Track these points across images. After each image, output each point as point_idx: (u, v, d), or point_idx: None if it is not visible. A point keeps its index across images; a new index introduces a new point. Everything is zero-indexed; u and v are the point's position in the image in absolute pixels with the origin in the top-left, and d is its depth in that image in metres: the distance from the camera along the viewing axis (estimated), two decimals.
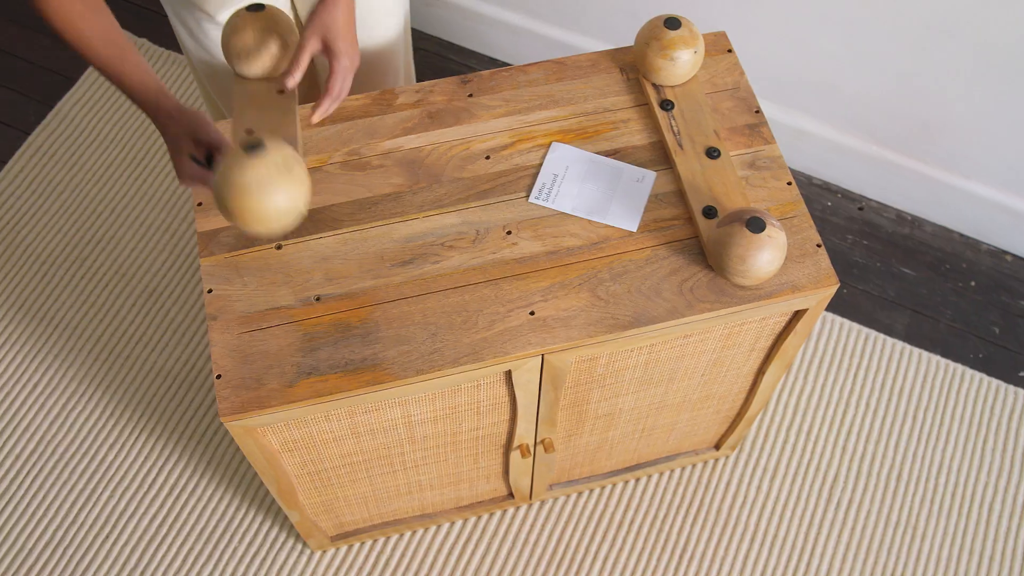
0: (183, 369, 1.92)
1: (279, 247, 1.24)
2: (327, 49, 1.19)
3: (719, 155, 1.30)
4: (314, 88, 1.62)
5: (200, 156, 1.13)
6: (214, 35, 1.38)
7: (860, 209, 2.14)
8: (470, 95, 1.37)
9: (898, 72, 1.83)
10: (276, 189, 1.02)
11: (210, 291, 1.22)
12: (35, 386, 1.90)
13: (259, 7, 1.22)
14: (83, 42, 1.10)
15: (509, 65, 2.34)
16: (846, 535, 1.79)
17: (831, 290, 1.25)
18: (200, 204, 1.28)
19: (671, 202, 1.29)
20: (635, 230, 1.26)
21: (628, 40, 2.09)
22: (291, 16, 1.47)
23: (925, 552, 1.77)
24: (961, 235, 2.10)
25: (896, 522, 1.80)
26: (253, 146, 1.01)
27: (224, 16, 1.34)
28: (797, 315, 1.32)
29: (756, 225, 1.16)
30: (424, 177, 1.30)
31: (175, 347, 1.94)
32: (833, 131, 2.03)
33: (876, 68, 1.84)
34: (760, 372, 1.49)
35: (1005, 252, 2.08)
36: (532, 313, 1.20)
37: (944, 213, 2.08)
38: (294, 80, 1.19)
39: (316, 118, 1.21)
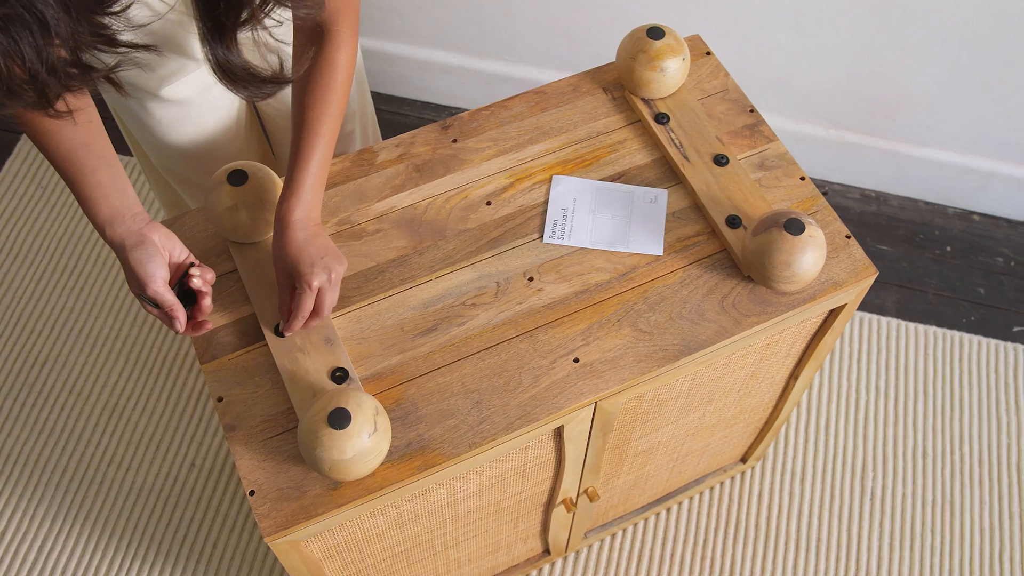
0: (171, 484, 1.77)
1: (284, 336, 1.13)
2: (294, 276, 1.08)
3: (728, 161, 1.24)
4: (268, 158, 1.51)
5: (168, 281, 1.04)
6: (160, 114, 1.26)
7: (824, 194, 2.12)
8: (454, 140, 1.29)
9: (851, 54, 1.82)
10: (369, 455, 0.99)
11: (220, 399, 1.09)
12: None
13: (242, 176, 1.15)
14: (49, 157, 0.99)
15: (446, 107, 2.27)
16: (887, 523, 1.74)
17: (870, 280, 1.20)
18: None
19: (690, 218, 1.22)
20: (661, 254, 1.19)
21: (571, 63, 2.04)
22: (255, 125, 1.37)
23: (967, 525, 1.74)
24: (927, 203, 2.10)
25: (932, 500, 1.77)
26: (339, 418, 0.97)
27: (169, 91, 1.22)
28: (833, 313, 1.26)
29: (795, 227, 1.10)
30: (427, 235, 1.20)
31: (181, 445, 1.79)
32: (790, 122, 2.01)
33: (828, 54, 1.83)
34: (793, 377, 1.43)
35: (972, 213, 2.09)
36: (576, 360, 1.11)
37: (907, 185, 2.08)
38: (292, 331, 1.10)
39: (287, 333, 1.10)
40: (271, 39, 1.05)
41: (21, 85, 0.73)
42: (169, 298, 1.02)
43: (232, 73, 0.91)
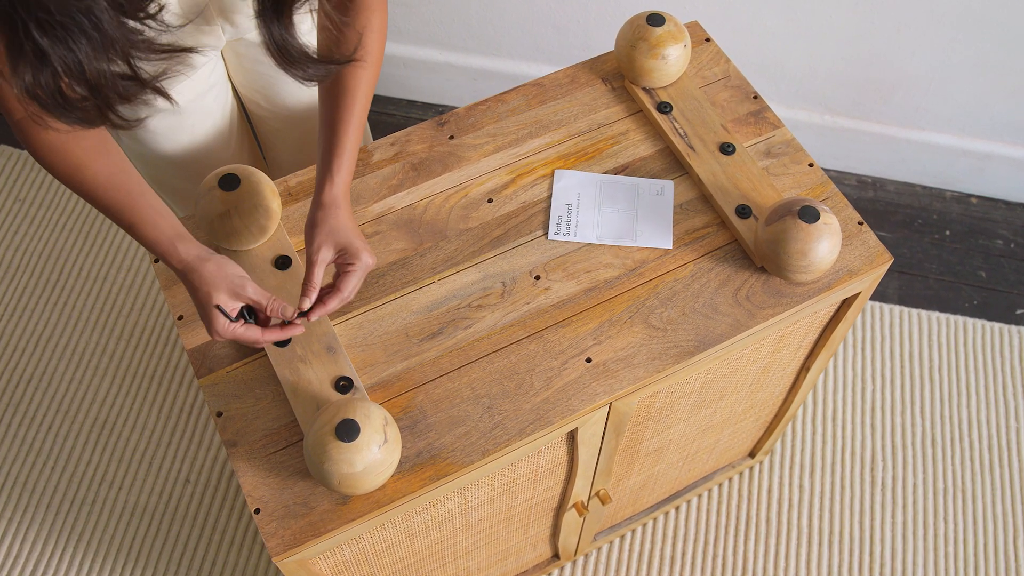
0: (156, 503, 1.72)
1: (311, 320, 1.08)
2: (345, 252, 1.01)
3: (734, 150, 1.21)
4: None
5: (229, 309, 0.98)
6: (154, 123, 1.21)
7: None
8: (451, 137, 1.24)
9: (845, 37, 1.79)
10: (379, 467, 0.94)
11: (220, 414, 1.05)
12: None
13: (234, 180, 1.09)
14: (87, 188, 0.94)
15: (433, 105, 2.22)
16: (899, 514, 1.71)
17: (885, 267, 1.16)
18: (181, 318, 1.11)
19: (698, 209, 1.19)
20: (670, 247, 1.15)
21: (560, 56, 2.00)
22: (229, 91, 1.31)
23: (979, 513, 1.71)
24: (923, 187, 2.08)
25: (943, 489, 1.74)
26: (347, 430, 0.92)
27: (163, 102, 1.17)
28: (846, 302, 1.23)
29: (810, 215, 1.06)
30: (428, 236, 1.16)
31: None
32: (784, 108, 1.98)
33: (822, 38, 1.80)
34: (804, 369, 1.40)
35: (970, 196, 2.07)
36: (589, 360, 1.07)
37: (903, 169, 2.05)
38: (310, 302, 1.00)
39: (314, 317, 1.01)
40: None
41: (78, 99, 0.69)
42: (267, 292, 0.99)
43: (288, 54, 0.88)
